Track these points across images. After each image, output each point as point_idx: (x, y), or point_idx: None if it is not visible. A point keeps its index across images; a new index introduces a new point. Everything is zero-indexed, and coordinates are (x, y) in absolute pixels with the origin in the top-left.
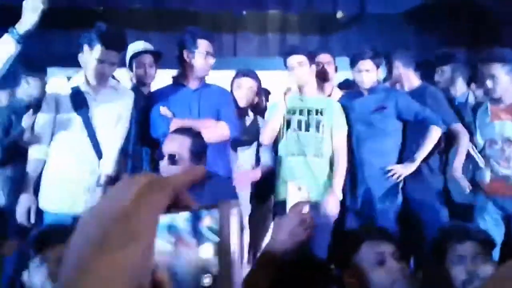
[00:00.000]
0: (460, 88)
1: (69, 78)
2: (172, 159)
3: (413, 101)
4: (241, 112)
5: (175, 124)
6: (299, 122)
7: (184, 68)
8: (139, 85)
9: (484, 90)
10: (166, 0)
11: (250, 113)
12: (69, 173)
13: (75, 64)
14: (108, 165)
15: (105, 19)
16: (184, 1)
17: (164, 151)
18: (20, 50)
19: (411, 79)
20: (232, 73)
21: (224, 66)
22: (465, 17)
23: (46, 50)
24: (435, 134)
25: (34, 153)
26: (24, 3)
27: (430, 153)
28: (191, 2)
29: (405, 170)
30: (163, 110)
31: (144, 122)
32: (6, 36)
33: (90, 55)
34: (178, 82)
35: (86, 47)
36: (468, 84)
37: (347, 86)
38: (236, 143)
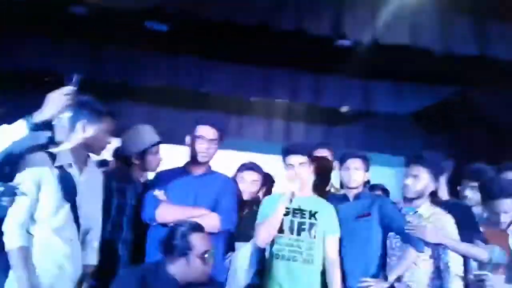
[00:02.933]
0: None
1: (52, 156)
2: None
3: (399, 214)
4: (243, 205)
5: (162, 208)
6: (292, 224)
7: (190, 153)
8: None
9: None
10: (179, 80)
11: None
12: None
13: None
14: (93, 256)
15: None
16: (196, 83)
17: (200, 249)
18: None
19: (442, 190)
20: (236, 153)
21: (228, 146)
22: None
23: None
24: (412, 256)
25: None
26: (49, 95)
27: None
28: (203, 84)
29: (378, 286)
30: (158, 193)
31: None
32: (21, 121)
33: (87, 130)
34: (184, 167)
35: (80, 124)
36: None
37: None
38: (232, 237)
